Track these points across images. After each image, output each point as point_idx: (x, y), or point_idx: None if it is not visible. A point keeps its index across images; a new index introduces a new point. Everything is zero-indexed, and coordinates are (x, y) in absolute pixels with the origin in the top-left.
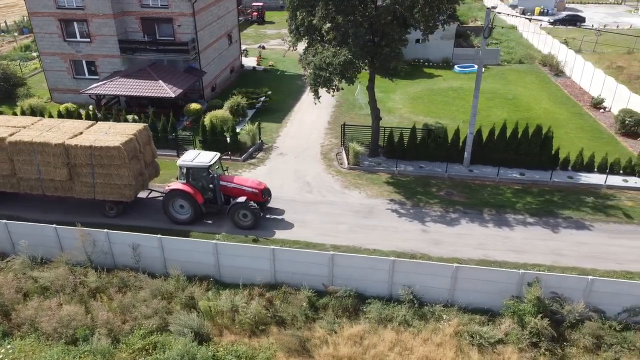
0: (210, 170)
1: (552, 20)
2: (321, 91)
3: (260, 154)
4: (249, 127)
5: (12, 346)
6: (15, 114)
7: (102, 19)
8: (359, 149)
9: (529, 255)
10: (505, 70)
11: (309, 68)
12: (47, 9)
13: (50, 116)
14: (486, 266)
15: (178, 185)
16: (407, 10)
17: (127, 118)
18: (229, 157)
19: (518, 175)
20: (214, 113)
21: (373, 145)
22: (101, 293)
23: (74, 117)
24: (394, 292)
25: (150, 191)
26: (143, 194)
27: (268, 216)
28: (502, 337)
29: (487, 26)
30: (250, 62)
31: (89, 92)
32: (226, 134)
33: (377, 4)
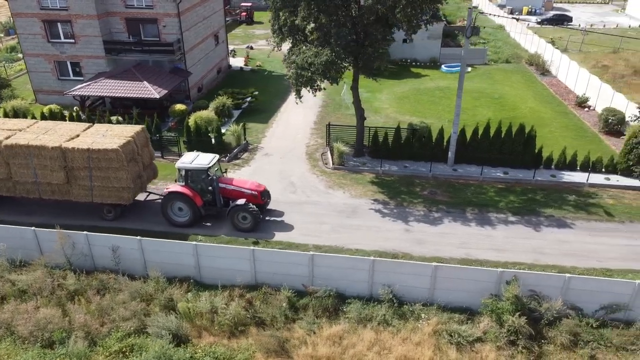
0: (209, 172)
1: (539, 19)
2: (306, 91)
3: (245, 155)
4: (234, 128)
5: None
6: None
7: (86, 20)
8: (344, 149)
9: (510, 254)
10: (492, 69)
11: (291, 68)
12: (30, 9)
13: (33, 118)
14: (468, 265)
15: (177, 187)
16: (389, 10)
17: (111, 119)
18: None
19: (502, 174)
20: (198, 114)
21: (358, 145)
22: (80, 296)
23: (58, 118)
24: (374, 292)
25: (148, 193)
26: (141, 196)
27: (267, 218)
28: (480, 335)
29: (470, 26)
30: (238, 63)
31: (72, 93)
32: (211, 135)
33: (360, 3)
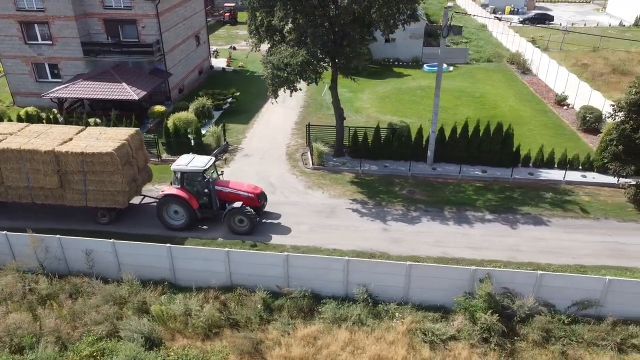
0: (205, 175)
1: (521, 19)
2: (289, 92)
3: (225, 156)
4: (214, 129)
5: None
6: None
7: (63, 21)
8: (323, 149)
9: (487, 252)
10: (474, 68)
11: (268, 68)
12: (6, 11)
13: (9, 120)
14: (444, 263)
15: (172, 190)
16: (365, 10)
17: (88, 121)
18: (222, 159)
19: (480, 172)
20: (177, 115)
21: (338, 145)
22: (52, 300)
23: (35, 121)
24: (349, 292)
25: (143, 197)
26: (136, 199)
27: (264, 221)
28: (454, 333)
29: (446, 25)
30: (221, 63)
31: (49, 95)
32: (190, 136)
33: (338, 4)
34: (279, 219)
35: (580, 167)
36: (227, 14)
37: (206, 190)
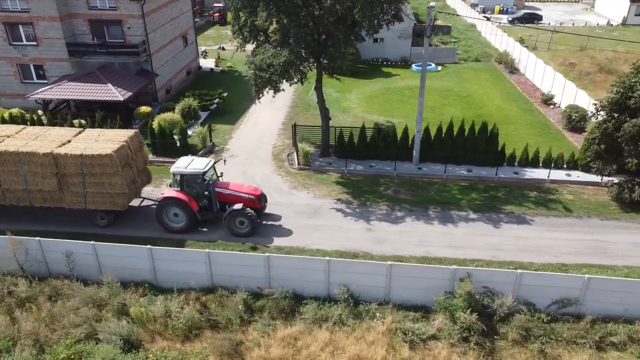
0: (205, 177)
1: (510, 18)
2: (269, 92)
3: (210, 157)
4: (199, 130)
5: None
6: None
7: (48, 22)
8: (309, 149)
9: (469, 251)
10: (462, 68)
11: (250, 69)
12: None
13: None
14: (427, 263)
15: (172, 192)
16: (348, 11)
17: (73, 123)
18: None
19: (465, 172)
20: (162, 116)
21: (323, 146)
22: (31, 303)
23: (19, 122)
24: (331, 292)
25: (142, 199)
26: (135, 202)
27: (265, 222)
28: (434, 332)
29: (429, 25)
30: (209, 64)
31: (34, 97)
32: (176, 137)
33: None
34: (280, 220)
35: (564, 166)
36: (217, 14)
37: (206, 193)
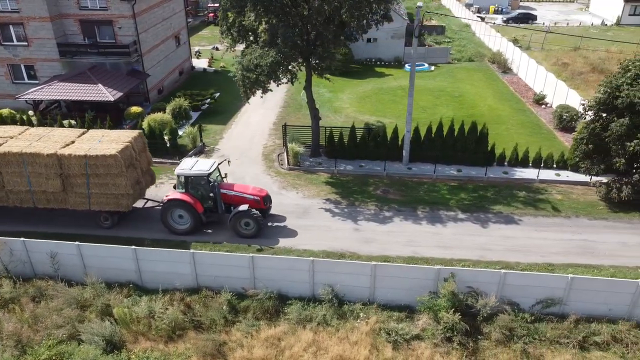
0: (210, 178)
1: (505, 18)
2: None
3: (201, 157)
4: (189, 130)
5: None
6: None
7: (38, 22)
8: (299, 149)
9: (457, 251)
10: (455, 68)
11: (238, 70)
12: None
13: None
14: (414, 263)
15: (176, 194)
16: (335, 11)
17: (62, 123)
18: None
19: (455, 172)
20: (152, 116)
21: (313, 146)
22: (14, 303)
23: (9, 123)
24: (316, 292)
25: (146, 200)
26: (139, 203)
27: (270, 224)
28: (418, 332)
29: (417, 25)
30: (203, 64)
31: (24, 97)
32: (166, 137)
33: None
34: (284, 221)
35: (554, 165)
36: (211, 14)
37: (211, 194)
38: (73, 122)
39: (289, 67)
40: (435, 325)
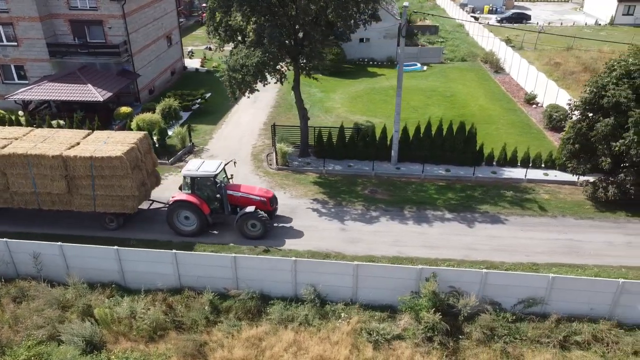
0: (216, 180)
1: (499, 18)
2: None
3: (190, 157)
4: (178, 130)
5: None
6: None
7: (28, 22)
8: (287, 149)
9: (443, 250)
10: (448, 68)
11: (224, 70)
12: None
13: None
14: (399, 263)
15: (183, 196)
16: (321, 11)
17: (51, 123)
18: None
19: (443, 172)
20: (141, 116)
21: (302, 146)
22: None
23: None
24: (298, 292)
25: (152, 202)
26: (144, 205)
27: (276, 224)
28: (399, 332)
29: (404, 25)
30: (194, 64)
31: (13, 97)
32: (155, 137)
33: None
34: (290, 222)
35: (542, 165)
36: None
37: (218, 195)
38: (62, 122)
39: (277, 67)
40: (417, 325)
